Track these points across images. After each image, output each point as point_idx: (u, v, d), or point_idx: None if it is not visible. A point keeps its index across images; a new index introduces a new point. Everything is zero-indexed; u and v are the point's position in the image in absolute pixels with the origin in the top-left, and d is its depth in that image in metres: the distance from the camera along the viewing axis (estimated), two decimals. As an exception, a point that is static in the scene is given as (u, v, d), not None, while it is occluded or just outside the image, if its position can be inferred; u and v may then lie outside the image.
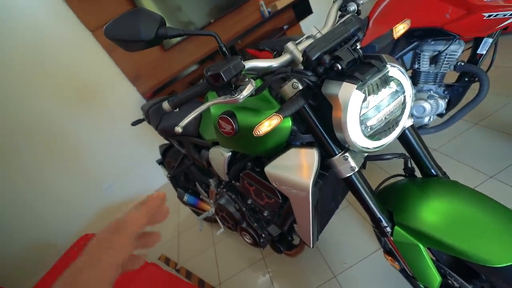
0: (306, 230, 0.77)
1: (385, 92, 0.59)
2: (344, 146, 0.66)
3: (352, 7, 0.72)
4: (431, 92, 1.26)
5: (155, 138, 2.68)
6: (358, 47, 0.60)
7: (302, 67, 0.62)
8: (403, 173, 0.81)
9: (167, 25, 0.58)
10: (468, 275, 0.67)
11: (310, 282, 1.26)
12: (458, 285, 0.68)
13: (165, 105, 0.68)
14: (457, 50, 1.15)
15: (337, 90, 0.57)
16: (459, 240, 0.57)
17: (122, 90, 2.46)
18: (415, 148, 0.73)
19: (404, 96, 0.61)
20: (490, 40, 1.09)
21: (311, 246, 0.81)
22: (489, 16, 0.96)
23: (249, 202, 0.95)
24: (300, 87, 0.63)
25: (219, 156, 0.98)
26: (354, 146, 0.60)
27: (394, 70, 0.58)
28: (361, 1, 0.73)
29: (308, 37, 0.71)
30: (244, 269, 1.51)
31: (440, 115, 1.31)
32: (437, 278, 0.65)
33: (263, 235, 0.98)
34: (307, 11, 2.70)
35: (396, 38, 0.69)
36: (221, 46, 0.60)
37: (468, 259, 0.54)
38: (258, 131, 0.60)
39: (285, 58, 0.67)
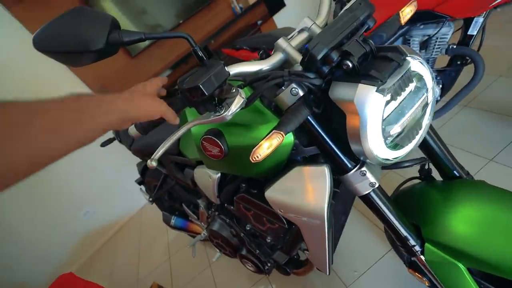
0: (322, 258, 0.65)
1: (407, 92, 0.48)
2: (357, 158, 0.54)
3: (347, -7, 0.61)
4: (424, 79, 1.19)
5: (130, 155, 2.47)
6: (367, 38, 0.49)
7: (300, 68, 0.50)
8: (418, 176, 0.72)
9: (123, 28, 0.43)
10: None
11: (321, 297, 1.17)
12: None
13: (132, 130, 0.54)
14: (447, 33, 1.08)
15: (352, 94, 0.45)
16: (503, 256, 0.48)
17: (87, 106, 2.22)
18: (433, 149, 0.64)
19: (427, 94, 0.51)
20: (481, 19, 1.03)
21: (328, 274, 0.70)
22: (482, -8, 0.89)
23: (248, 228, 0.82)
24: (301, 93, 0.50)
25: (207, 178, 0.84)
26: (374, 159, 0.49)
27: (415, 63, 0.47)
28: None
29: (301, 31, 0.58)
30: (247, 289, 1.39)
31: (435, 102, 1.25)
32: (479, 298, 0.56)
33: (269, 264, 0.86)
34: (280, 4, 2.59)
35: (403, 23, 0.59)
36: (195, 50, 0.46)
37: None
38: (257, 156, 0.47)
39: (276, 58, 0.54)
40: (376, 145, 0.47)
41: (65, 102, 0.36)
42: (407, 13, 0.58)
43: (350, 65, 0.45)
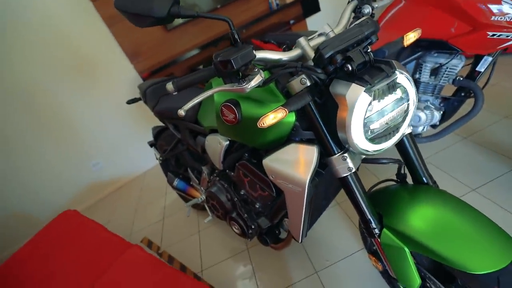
0: (297, 225, 0.78)
1: (391, 98, 0.60)
2: (343, 146, 0.67)
3: (367, 9, 0.72)
4: (428, 103, 1.29)
5: (147, 119, 2.64)
6: (369, 50, 0.61)
7: (312, 64, 0.62)
8: (395, 179, 0.84)
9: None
10: (445, 280, 0.71)
11: (292, 275, 1.29)
12: (435, 288, 0.71)
13: (169, 86, 0.67)
14: (457, 65, 1.18)
15: (345, 90, 0.57)
16: (443, 246, 0.59)
17: (118, 66, 2.40)
18: (411, 156, 0.75)
19: (408, 104, 0.62)
20: (490, 58, 1.12)
21: (300, 241, 0.83)
22: (493, 35, 0.98)
23: (242, 193, 0.95)
24: (308, 83, 0.63)
25: (216, 144, 0.98)
26: (354, 147, 0.61)
27: (402, 77, 0.59)
28: (376, 5, 0.73)
29: (320, 34, 0.71)
30: (227, 258, 1.53)
31: (434, 126, 1.35)
32: (417, 281, 0.68)
33: (253, 227, 0.99)
34: (315, 8, 2.68)
35: (405, 46, 0.70)
36: (233, 33, 0.59)
37: (451, 265, 0.57)
38: (263, 123, 0.60)
39: (295, 53, 0.67)
40: (357, 135, 0.59)
41: None
42: (410, 37, 0.69)
43: (350, 68, 0.57)
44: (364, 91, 0.55)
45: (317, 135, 0.68)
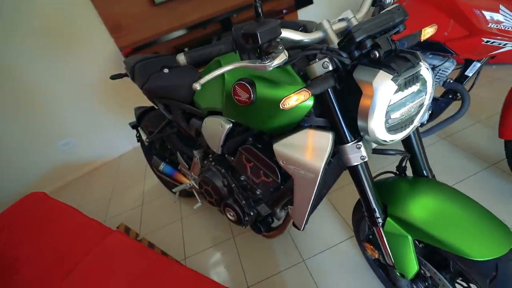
0: (303, 212, 0.77)
1: (412, 89, 0.60)
2: (357, 135, 0.66)
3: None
4: (418, 102, 1.35)
5: (127, 98, 2.47)
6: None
7: (337, 47, 0.61)
8: (394, 171, 0.86)
9: None
10: (438, 266, 0.75)
11: (279, 264, 1.31)
12: (429, 274, 0.75)
13: (181, 57, 0.61)
14: (449, 68, 1.24)
15: (372, 77, 0.56)
16: (446, 234, 0.62)
17: (97, 38, 2.20)
18: (415, 148, 0.78)
19: (425, 97, 0.63)
20: (478, 64, 1.20)
21: (302, 229, 0.83)
22: (487, 41, 1.04)
23: (242, 179, 0.93)
24: (331, 67, 0.61)
25: (217, 127, 0.93)
26: (373, 136, 0.61)
27: (425, 70, 0.60)
28: (397, -5, 0.73)
29: (341, 20, 0.69)
30: (212, 246, 1.50)
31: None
32: (415, 267, 0.71)
33: (251, 213, 0.97)
34: (308, 0, 2.66)
35: (422, 40, 0.71)
36: (257, 6, 0.55)
37: (453, 251, 0.60)
38: (285, 104, 0.57)
39: (317, 35, 0.65)
40: (378, 123, 0.59)
41: None
42: (427, 32, 0.70)
43: (377, 55, 0.56)
44: (391, 80, 0.55)
45: (332, 122, 0.67)
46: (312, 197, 0.72)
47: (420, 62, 0.58)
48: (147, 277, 0.91)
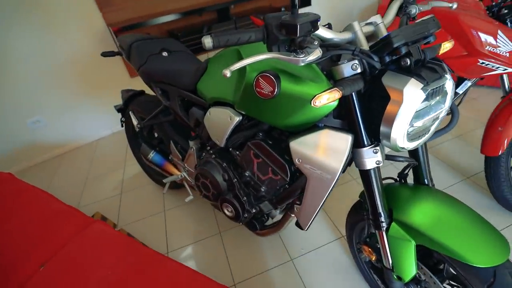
0: (311, 212, 0.77)
1: (436, 100, 0.62)
2: (374, 140, 0.67)
3: (414, 10, 0.73)
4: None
5: (111, 79, 2.30)
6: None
7: (369, 50, 0.60)
8: (395, 178, 0.89)
9: None
10: (431, 270, 0.79)
11: (266, 262, 1.30)
12: (424, 278, 0.78)
13: (207, 39, 0.56)
14: (442, 84, 1.31)
15: (403, 84, 0.57)
16: (449, 241, 0.65)
17: (81, 11, 2.02)
18: (420, 157, 0.81)
19: (443, 109, 0.66)
20: (469, 83, 1.28)
21: (306, 229, 0.82)
22: (482, 63, 1.11)
23: (246, 174, 0.90)
24: (359, 70, 0.61)
25: (225, 118, 0.89)
26: (393, 142, 0.62)
27: (448, 83, 0.61)
28: (421, 8, 0.75)
29: (368, 23, 0.69)
30: (198, 241, 1.45)
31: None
32: (414, 271, 0.74)
33: (254, 210, 0.95)
34: (307, 1, 2.68)
35: (440, 54, 0.73)
36: None
37: (455, 257, 0.63)
38: (317, 102, 0.56)
39: (347, 36, 0.64)
40: (402, 130, 0.60)
41: None
42: (446, 47, 0.72)
43: (408, 63, 0.56)
44: (421, 89, 0.56)
45: (352, 125, 0.67)
46: (324, 198, 0.72)
47: (446, 75, 0.60)
48: (138, 272, 0.85)
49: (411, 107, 0.57)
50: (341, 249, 1.29)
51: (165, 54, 1.28)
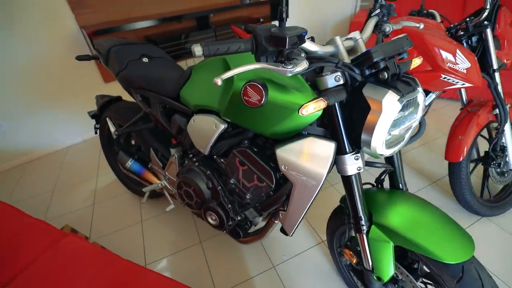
0: (296, 218, 0.79)
1: (409, 110, 0.67)
2: (354, 147, 0.71)
3: (388, 28, 0.80)
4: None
5: (82, 85, 2.19)
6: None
7: (350, 63, 0.65)
8: (372, 183, 0.95)
9: None
10: (408, 270, 0.84)
11: (249, 270, 1.29)
12: (401, 278, 0.83)
13: (197, 48, 0.57)
14: (410, 95, 1.42)
15: (382, 96, 0.61)
16: (424, 241, 0.70)
17: (53, 12, 1.91)
18: (395, 163, 0.87)
19: (415, 119, 0.72)
20: (434, 95, 1.40)
21: (291, 235, 0.84)
22: (444, 78, 1.23)
23: (231, 182, 0.90)
24: (342, 81, 0.65)
25: (209, 126, 0.90)
26: (373, 149, 0.66)
27: (420, 95, 0.68)
28: (394, 26, 0.82)
29: (348, 39, 0.74)
30: (178, 252, 1.41)
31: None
32: (392, 271, 0.78)
33: (238, 218, 0.94)
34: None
35: (410, 69, 0.80)
36: (283, 10, 0.56)
37: (430, 255, 0.68)
38: (304, 111, 0.59)
39: (329, 49, 0.69)
40: (380, 138, 0.64)
41: None
42: (416, 62, 0.79)
43: (386, 76, 0.62)
44: (398, 100, 0.61)
45: (335, 133, 0.70)
46: (310, 203, 0.74)
47: (418, 88, 0.66)
48: (119, 286, 0.80)
49: (389, 117, 0.62)
50: (321, 254, 1.33)
51: (145, 60, 1.26)
